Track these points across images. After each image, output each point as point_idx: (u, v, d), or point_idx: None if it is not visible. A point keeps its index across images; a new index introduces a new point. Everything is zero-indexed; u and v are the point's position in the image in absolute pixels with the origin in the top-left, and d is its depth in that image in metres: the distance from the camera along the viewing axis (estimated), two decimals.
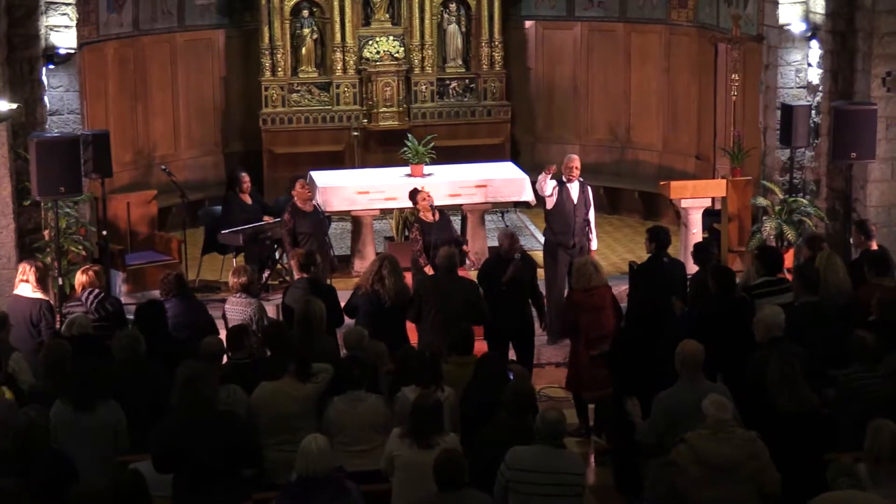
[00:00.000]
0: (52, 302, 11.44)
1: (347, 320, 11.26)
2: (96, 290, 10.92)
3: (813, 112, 14.21)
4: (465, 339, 9.70)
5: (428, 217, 13.01)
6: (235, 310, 10.95)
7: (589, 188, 13.58)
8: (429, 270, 12.52)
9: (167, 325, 10.34)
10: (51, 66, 13.60)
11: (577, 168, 13.35)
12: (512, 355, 11.59)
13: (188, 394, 7.89)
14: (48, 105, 13.55)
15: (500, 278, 11.66)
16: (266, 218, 14.84)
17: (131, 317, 11.25)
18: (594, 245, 13.55)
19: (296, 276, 11.63)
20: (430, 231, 12.88)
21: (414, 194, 13.26)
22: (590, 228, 13.44)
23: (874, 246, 11.43)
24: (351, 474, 8.20)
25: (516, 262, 11.76)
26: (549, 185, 13.24)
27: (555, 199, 13.27)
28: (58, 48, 13.61)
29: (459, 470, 7.24)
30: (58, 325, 10.98)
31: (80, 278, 11.03)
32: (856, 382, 8.74)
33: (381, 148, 18.05)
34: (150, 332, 9.74)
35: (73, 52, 13.84)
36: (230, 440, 7.82)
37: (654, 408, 8.46)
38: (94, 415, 8.39)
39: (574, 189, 13.31)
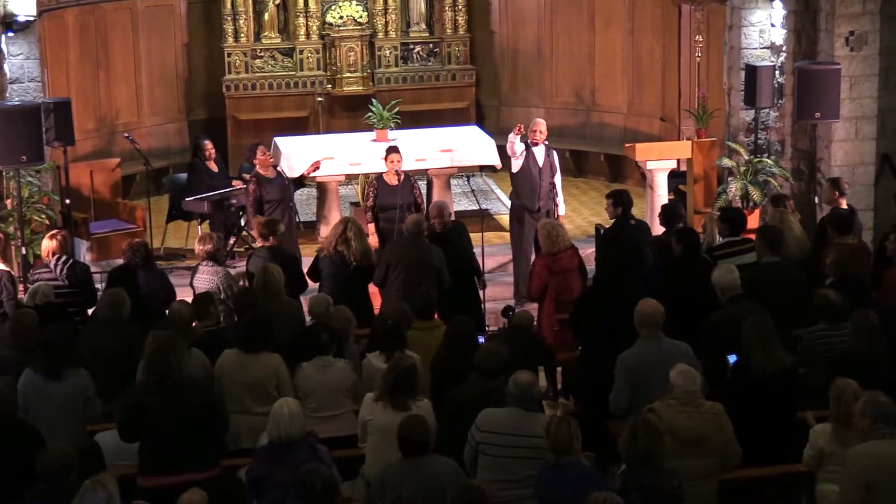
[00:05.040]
0: (12, 272, 11.35)
1: (312, 284, 11.26)
2: (65, 257, 10.83)
3: (777, 72, 14.24)
4: (427, 303, 9.72)
5: (391, 180, 12.96)
6: (203, 278, 10.92)
7: (554, 152, 13.57)
8: (370, 230, 12.50)
9: (139, 289, 10.31)
10: (10, 34, 13.45)
11: (542, 132, 13.35)
12: None
13: (155, 361, 7.86)
14: (8, 73, 13.43)
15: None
16: (235, 183, 14.77)
17: (98, 285, 11.20)
18: (562, 210, 13.55)
19: (257, 244, 11.58)
20: (388, 194, 12.85)
21: (389, 152, 13.17)
22: (556, 193, 13.44)
23: (844, 204, 11.51)
24: (320, 440, 8.21)
25: (435, 237, 11.71)
26: (518, 147, 13.23)
27: (521, 163, 13.27)
28: (16, 15, 13.45)
29: (424, 436, 7.25)
30: (21, 295, 10.90)
31: (47, 244, 10.92)
32: (820, 340, 8.78)
33: (345, 113, 18.00)
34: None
35: (32, 19, 13.68)
36: (196, 407, 7.80)
37: (618, 369, 8.45)
38: (62, 383, 8.37)
39: (539, 153, 13.30)
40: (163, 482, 7.62)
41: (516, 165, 13.30)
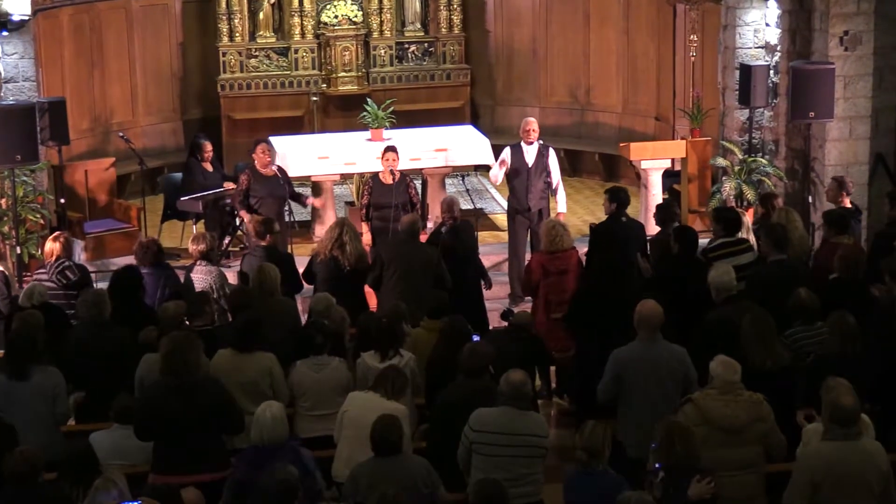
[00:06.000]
0: (7, 272, 11.35)
1: (307, 286, 11.25)
2: (63, 260, 10.80)
3: (771, 72, 14.26)
4: (439, 304, 9.71)
5: (386, 179, 12.96)
6: (197, 277, 10.92)
7: (551, 150, 13.56)
8: (364, 228, 12.51)
9: (143, 291, 10.30)
10: (4, 33, 13.47)
11: (534, 131, 13.34)
12: None
13: (172, 361, 7.85)
14: (3, 72, 13.44)
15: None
16: (227, 184, 14.77)
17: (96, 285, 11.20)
18: (561, 207, 13.51)
19: (251, 242, 11.57)
20: (383, 193, 12.85)
21: (386, 151, 13.16)
22: (553, 191, 13.43)
23: (847, 203, 11.53)
24: (314, 438, 8.23)
25: (447, 232, 11.74)
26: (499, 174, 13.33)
27: (509, 165, 13.30)
28: (11, 15, 13.47)
29: (397, 434, 7.24)
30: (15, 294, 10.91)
31: (50, 246, 10.91)
32: (799, 342, 8.77)
33: (340, 113, 17.98)
34: (127, 298, 9.77)
35: (27, 18, 13.70)
36: (212, 406, 7.80)
37: (609, 363, 8.46)
38: (29, 382, 8.39)
39: (530, 152, 13.29)
40: (176, 481, 7.60)
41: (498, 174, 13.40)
